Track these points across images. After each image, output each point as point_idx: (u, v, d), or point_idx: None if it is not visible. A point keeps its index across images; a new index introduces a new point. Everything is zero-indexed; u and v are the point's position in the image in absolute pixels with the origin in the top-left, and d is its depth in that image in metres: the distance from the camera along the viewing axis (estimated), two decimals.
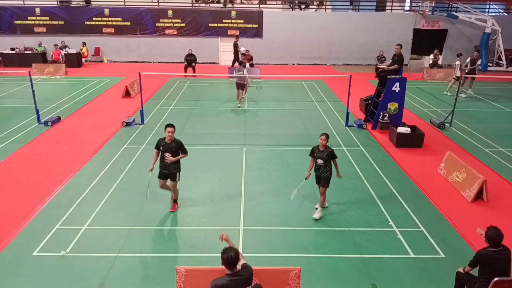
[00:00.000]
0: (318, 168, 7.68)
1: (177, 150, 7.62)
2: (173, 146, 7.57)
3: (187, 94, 17.63)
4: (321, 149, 7.59)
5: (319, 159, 7.59)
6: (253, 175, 9.62)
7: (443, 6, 26.32)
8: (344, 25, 25.22)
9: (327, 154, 7.53)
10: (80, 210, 7.94)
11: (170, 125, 7.58)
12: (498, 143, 12.06)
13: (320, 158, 7.57)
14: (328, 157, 7.53)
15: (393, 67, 13.16)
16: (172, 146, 7.57)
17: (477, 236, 7.24)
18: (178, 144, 7.61)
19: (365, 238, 7.18)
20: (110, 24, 24.89)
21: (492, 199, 8.58)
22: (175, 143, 7.59)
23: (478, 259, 5.14)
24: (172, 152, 7.56)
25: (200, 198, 8.59)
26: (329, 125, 13.61)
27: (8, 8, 24.21)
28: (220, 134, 12.52)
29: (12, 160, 10.32)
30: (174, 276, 5.43)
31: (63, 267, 6.30)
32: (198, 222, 7.64)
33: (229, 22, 25.05)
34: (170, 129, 7.51)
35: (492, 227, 5.14)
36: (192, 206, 8.25)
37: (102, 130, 12.57)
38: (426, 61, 25.76)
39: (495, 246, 5.05)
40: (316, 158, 7.64)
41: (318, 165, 7.66)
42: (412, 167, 10.24)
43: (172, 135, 7.54)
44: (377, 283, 6.06)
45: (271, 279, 5.37)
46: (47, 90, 17.63)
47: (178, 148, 7.63)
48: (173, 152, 7.57)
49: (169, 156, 7.54)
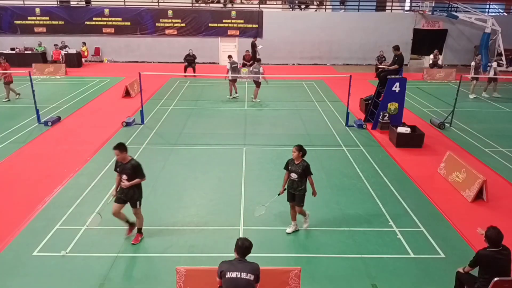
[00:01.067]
0: (291, 183, 6.95)
1: (132, 173, 6.53)
2: (129, 167, 6.52)
3: (187, 94, 17.63)
4: (296, 162, 6.87)
5: (293, 173, 6.87)
6: (253, 175, 9.62)
7: (443, 6, 26.33)
8: (344, 25, 25.22)
9: (302, 168, 6.79)
10: (80, 210, 7.93)
11: (116, 146, 6.53)
12: (498, 143, 12.06)
13: (294, 172, 6.86)
14: (303, 171, 6.80)
15: (393, 67, 13.16)
16: (128, 168, 6.52)
17: (477, 236, 7.24)
18: (133, 166, 6.52)
19: (365, 238, 7.17)
20: (110, 24, 24.90)
21: (492, 199, 8.58)
22: (130, 165, 6.53)
23: (478, 259, 5.13)
24: (128, 174, 6.53)
25: (200, 198, 8.59)
26: (329, 125, 13.61)
27: (8, 8, 24.22)
28: (220, 134, 12.52)
29: (12, 160, 10.32)
30: (174, 276, 5.43)
31: (63, 267, 6.30)
32: (198, 222, 7.63)
33: (229, 22, 25.05)
34: (115, 151, 6.51)
35: (492, 227, 5.14)
36: (192, 206, 8.25)
37: (102, 130, 12.57)
38: (426, 61, 25.76)
39: (495, 246, 5.05)
40: (290, 171, 6.92)
41: (291, 180, 6.93)
42: (412, 167, 10.24)
43: (120, 157, 6.53)
44: (377, 283, 6.06)
45: (271, 279, 5.38)
46: (47, 90, 17.63)
47: (133, 171, 6.53)
48: (129, 175, 6.52)
49: (125, 180, 6.57)
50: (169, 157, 10.66)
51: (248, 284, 4.60)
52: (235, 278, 4.60)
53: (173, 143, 11.63)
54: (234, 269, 4.65)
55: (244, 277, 4.60)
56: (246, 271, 4.63)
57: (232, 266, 4.69)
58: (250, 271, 4.66)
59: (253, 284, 4.65)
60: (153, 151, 11.03)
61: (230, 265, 4.70)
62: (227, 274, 4.63)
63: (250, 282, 4.62)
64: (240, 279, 4.60)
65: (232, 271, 4.63)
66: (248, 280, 4.61)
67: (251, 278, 4.62)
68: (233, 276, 4.60)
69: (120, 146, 6.54)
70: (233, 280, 4.60)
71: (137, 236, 6.99)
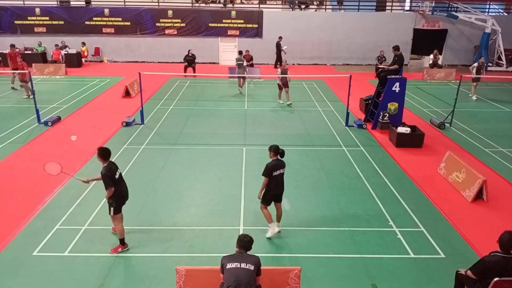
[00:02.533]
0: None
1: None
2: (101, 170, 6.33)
3: (187, 94, 17.63)
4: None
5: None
6: (253, 175, 9.61)
7: (443, 6, 26.33)
8: (344, 25, 25.22)
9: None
10: (80, 210, 7.94)
11: (98, 149, 6.41)
12: (498, 143, 12.06)
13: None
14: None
15: (393, 67, 13.16)
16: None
17: (477, 236, 7.27)
18: (101, 173, 6.32)
19: (365, 238, 7.17)
20: (110, 24, 24.89)
21: (492, 199, 8.58)
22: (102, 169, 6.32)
23: (485, 266, 4.90)
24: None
25: (200, 198, 8.59)
26: (329, 125, 13.61)
27: (8, 8, 24.21)
28: (220, 134, 12.52)
29: (12, 160, 10.32)
30: (174, 276, 5.43)
31: (63, 267, 6.30)
32: (198, 222, 7.63)
33: (229, 22, 25.05)
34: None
35: (508, 232, 4.94)
36: (192, 206, 8.25)
37: (102, 130, 12.57)
38: (426, 61, 25.75)
39: (506, 252, 4.90)
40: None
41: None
42: (412, 167, 10.24)
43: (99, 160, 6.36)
44: (377, 283, 6.06)
45: (271, 279, 5.38)
46: (47, 90, 17.62)
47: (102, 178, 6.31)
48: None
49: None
50: (169, 157, 10.66)
51: (248, 273, 4.65)
52: (235, 268, 4.67)
53: (173, 143, 11.63)
54: (234, 260, 4.75)
55: (244, 267, 4.67)
56: (246, 261, 4.72)
57: (233, 258, 4.80)
58: (250, 262, 4.74)
59: (253, 275, 4.69)
60: (153, 151, 11.03)
61: (230, 258, 4.82)
62: (227, 265, 4.71)
63: (250, 272, 4.66)
64: (240, 269, 4.66)
65: (232, 262, 4.73)
66: (248, 269, 4.66)
67: (251, 268, 4.68)
68: (233, 266, 4.68)
69: (98, 150, 6.36)
70: (234, 270, 4.66)
71: (117, 247, 6.63)
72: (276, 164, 6.84)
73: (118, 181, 6.43)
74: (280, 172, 6.88)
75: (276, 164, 6.84)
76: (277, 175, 6.85)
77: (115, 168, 6.45)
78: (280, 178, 6.92)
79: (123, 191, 6.58)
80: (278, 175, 6.86)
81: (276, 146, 6.91)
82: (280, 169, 6.87)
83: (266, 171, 6.81)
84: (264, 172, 6.83)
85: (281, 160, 6.93)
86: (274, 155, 6.88)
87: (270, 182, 6.85)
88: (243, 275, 4.62)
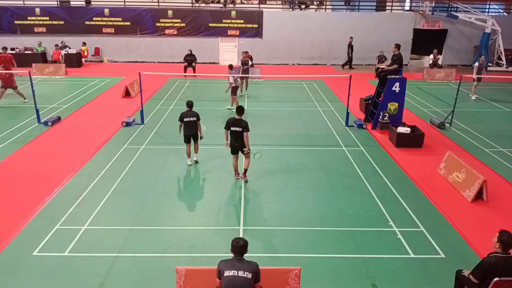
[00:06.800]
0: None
1: None
2: None
3: (187, 94, 17.61)
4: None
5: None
6: (253, 175, 9.62)
7: (443, 6, 26.33)
8: (344, 25, 25.21)
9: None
10: (80, 210, 7.94)
11: None
12: (498, 143, 12.06)
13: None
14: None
15: (393, 67, 13.15)
16: None
17: (477, 236, 7.27)
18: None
19: (365, 238, 7.17)
20: (110, 24, 24.90)
21: (492, 199, 8.58)
22: None
23: (486, 268, 4.91)
24: None
25: (200, 198, 8.59)
26: (329, 125, 13.61)
27: (8, 8, 24.21)
28: (220, 134, 12.44)
29: (12, 160, 10.32)
30: (174, 276, 5.43)
31: (63, 267, 6.30)
32: (198, 222, 7.64)
33: (229, 22, 25.05)
34: None
35: (505, 231, 4.96)
36: (192, 206, 8.25)
37: (102, 130, 12.57)
38: (426, 61, 25.76)
39: (505, 252, 4.91)
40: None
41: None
42: (412, 167, 10.24)
43: None
44: (377, 283, 6.06)
45: (271, 279, 5.37)
46: (47, 90, 17.62)
47: None
48: None
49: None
50: (169, 157, 10.66)
51: (245, 282, 4.61)
52: (232, 276, 4.62)
53: (173, 143, 11.63)
54: (232, 267, 4.68)
55: (241, 275, 4.62)
56: (243, 269, 4.65)
57: (230, 265, 4.72)
58: (248, 269, 4.67)
59: (251, 283, 4.65)
60: (153, 151, 11.03)
61: (227, 264, 4.74)
62: (224, 272, 4.67)
63: (248, 280, 4.62)
64: (238, 277, 4.61)
65: (230, 270, 4.67)
66: (245, 278, 4.62)
67: (248, 276, 4.63)
68: (230, 275, 4.64)
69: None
70: (231, 278, 4.62)
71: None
72: (187, 114, 9.97)
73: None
74: (190, 120, 9.91)
75: (187, 113, 9.99)
76: (187, 122, 9.88)
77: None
78: (189, 124, 9.97)
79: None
80: (188, 122, 9.88)
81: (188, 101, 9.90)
82: (190, 117, 9.93)
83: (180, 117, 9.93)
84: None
85: (191, 111, 10.05)
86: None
87: (182, 125, 10.05)
88: (240, 284, 4.60)
